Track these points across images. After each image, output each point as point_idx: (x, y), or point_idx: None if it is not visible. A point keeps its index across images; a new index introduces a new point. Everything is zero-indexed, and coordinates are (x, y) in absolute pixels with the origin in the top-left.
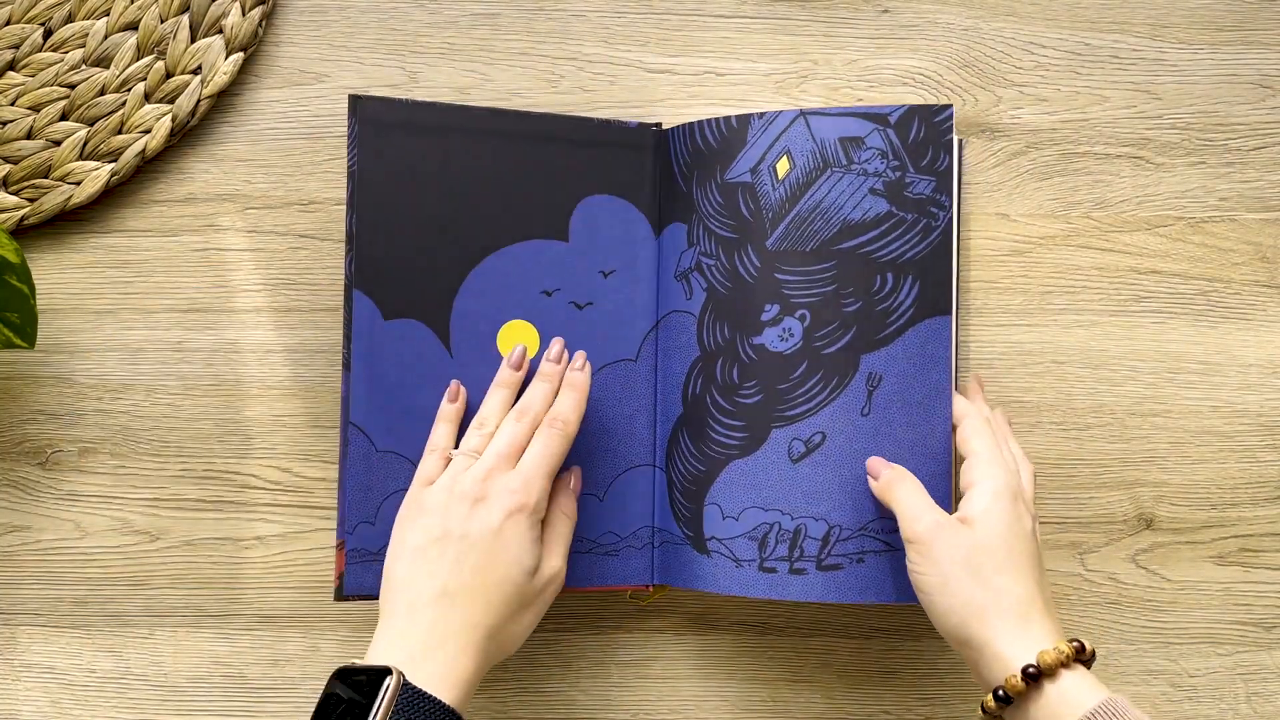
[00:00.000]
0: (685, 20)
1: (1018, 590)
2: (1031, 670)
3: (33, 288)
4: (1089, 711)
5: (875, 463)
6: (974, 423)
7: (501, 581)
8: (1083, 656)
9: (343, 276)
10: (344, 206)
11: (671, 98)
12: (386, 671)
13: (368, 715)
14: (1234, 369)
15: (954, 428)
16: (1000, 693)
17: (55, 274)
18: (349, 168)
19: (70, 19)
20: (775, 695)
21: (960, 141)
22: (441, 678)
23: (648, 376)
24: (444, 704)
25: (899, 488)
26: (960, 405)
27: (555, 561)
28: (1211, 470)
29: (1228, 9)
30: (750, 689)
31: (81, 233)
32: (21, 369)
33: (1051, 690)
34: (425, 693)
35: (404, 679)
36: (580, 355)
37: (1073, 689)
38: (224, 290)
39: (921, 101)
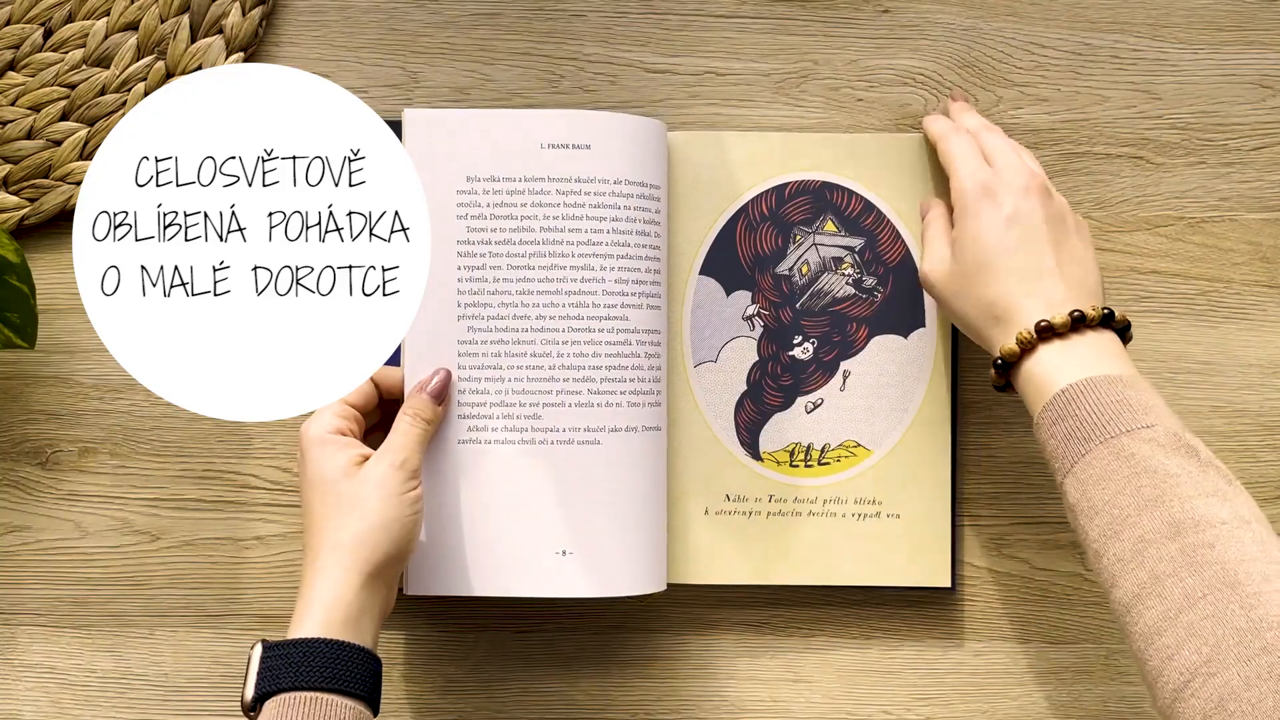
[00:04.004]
0: (685, 20)
1: (999, 292)
2: (998, 361)
3: (33, 288)
4: (1059, 390)
5: (924, 206)
6: (945, 141)
7: (306, 496)
8: (1082, 325)
9: None
10: None
11: (671, 98)
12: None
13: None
14: (1234, 369)
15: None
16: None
17: (55, 274)
18: None
19: (70, 19)
20: (775, 695)
21: None
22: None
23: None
24: (309, 640)
25: (927, 229)
26: (935, 128)
27: (376, 464)
28: None
29: (1228, 9)
30: (750, 689)
31: None
32: (21, 369)
33: (1029, 369)
34: (287, 641)
35: (265, 644)
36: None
37: (1046, 370)
38: None
39: (920, 100)
